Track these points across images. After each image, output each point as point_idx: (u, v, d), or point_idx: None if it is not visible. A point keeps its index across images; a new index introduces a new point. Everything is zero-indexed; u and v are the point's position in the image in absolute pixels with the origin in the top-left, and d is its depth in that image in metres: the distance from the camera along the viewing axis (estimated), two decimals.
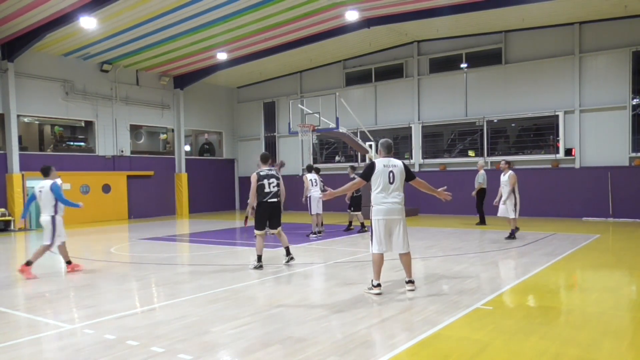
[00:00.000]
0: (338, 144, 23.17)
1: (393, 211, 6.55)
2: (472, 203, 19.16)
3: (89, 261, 10.19)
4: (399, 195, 6.63)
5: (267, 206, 8.64)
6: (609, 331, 4.95)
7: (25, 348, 4.79)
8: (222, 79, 24.54)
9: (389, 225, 6.56)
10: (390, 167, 6.61)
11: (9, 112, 17.66)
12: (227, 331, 5.10)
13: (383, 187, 6.55)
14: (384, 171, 6.57)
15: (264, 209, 8.64)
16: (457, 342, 4.68)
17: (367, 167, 6.74)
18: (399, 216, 6.61)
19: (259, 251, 8.62)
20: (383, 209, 6.54)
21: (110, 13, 15.43)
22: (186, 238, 14.28)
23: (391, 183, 6.57)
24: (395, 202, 6.57)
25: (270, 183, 8.61)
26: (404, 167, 6.75)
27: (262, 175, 8.63)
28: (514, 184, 11.70)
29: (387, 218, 6.54)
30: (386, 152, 6.78)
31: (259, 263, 8.55)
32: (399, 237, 6.59)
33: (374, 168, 6.62)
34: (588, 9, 16.27)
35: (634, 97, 16.65)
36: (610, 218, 16.67)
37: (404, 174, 6.69)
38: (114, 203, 20.90)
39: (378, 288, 6.57)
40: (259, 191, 8.60)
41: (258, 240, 8.66)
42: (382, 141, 6.83)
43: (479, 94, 19.45)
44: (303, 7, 16.51)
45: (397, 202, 6.59)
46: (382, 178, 6.56)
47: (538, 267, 8.30)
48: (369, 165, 6.75)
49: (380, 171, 6.57)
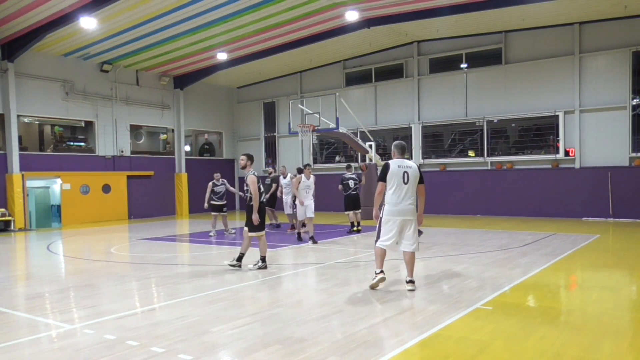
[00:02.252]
0: (338, 144, 23.17)
1: (407, 212, 6.69)
2: (472, 203, 19.21)
3: (89, 261, 10.19)
4: (412, 196, 6.74)
5: (264, 207, 8.71)
6: (609, 331, 4.94)
7: (25, 348, 4.78)
8: (222, 79, 24.54)
9: (401, 225, 6.71)
10: (404, 168, 6.73)
11: (9, 112, 17.66)
12: (227, 331, 5.10)
13: (397, 187, 6.67)
14: (399, 172, 6.69)
15: (263, 210, 8.66)
16: (457, 342, 4.68)
17: (383, 168, 6.85)
18: (412, 217, 6.76)
19: (263, 252, 8.65)
20: (397, 209, 6.67)
21: (110, 13, 15.43)
22: (186, 238, 14.28)
23: (405, 183, 6.68)
24: (408, 202, 6.69)
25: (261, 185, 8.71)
26: (418, 169, 6.90)
27: (258, 177, 8.69)
28: None
29: (401, 218, 6.69)
30: (400, 153, 6.91)
31: (264, 263, 8.61)
32: (409, 236, 6.75)
33: (388, 168, 6.73)
34: (588, 9, 16.27)
35: (634, 97, 16.65)
36: (610, 218, 16.67)
37: (417, 176, 6.81)
38: (114, 203, 20.90)
39: (381, 274, 6.79)
40: (257, 193, 8.49)
41: (263, 240, 8.64)
42: (396, 143, 6.96)
43: (479, 94, 19.46)
44: (303, 7, 16.51)
45: (410, 203, 6.71)
46: (396, 178, 6.67)
47: (538, 267, 8.30)
48: (384, 166, 6.85)
49: (394, 171, 6.69)
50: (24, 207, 17.79)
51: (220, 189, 14.22)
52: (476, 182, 19.21)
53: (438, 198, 19.98)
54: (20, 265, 10.56)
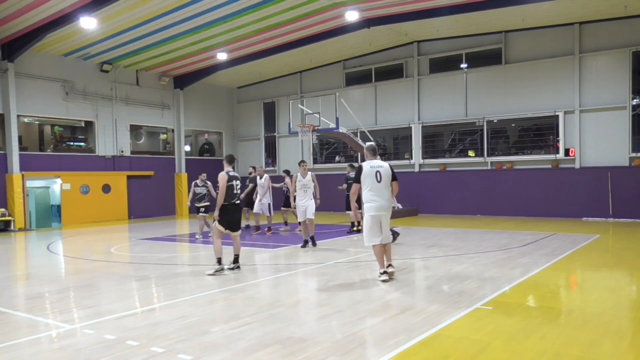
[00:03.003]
0: (338, 144, 23.17)
1: (383, 208, 7.29)
2: (472, 203, 19.21)
3: (89, 261, 10.19)
4: (387, 193, 7.33)
5: (235, 208, 8.33)
6: (609, 331, 4.95)
7: (25, 348, 4.79)
8: (222, 79, 24.54)
9: (378, 220, 7.29)
10: (376, 168, 7.31)
11: (9, 112, 17.66)
12: (227, 331, 5.10)
13: (372, 186, 7.27)
14: (371, 172, 7.28)
15: (231, 211, 8.29)
16: (457, 342, 4.68)
17: (357, 171, 7.44)
18: (387, 212, 7.41)
19: (218, 254, 8.23)
20: (374, 205, 7.25)
21: (110, 13, 15.43)
22: (186, 238, 14.28)
23: (379, 182, 7.27)
24: (384, 200, 7.28)
25: (237, 185, 8.37)
26: (390, 168, 7.46)
27: (231, 176, 8.29)
28: None
29: (379, 214, 7.27)
30: (372, 155, 7.53)
31: (220, 266, 8.19)
32: (386, 230, 7.38)
33: (362, 170, 7.34)
34: (588, 9, 16.26)
35: (634, 97, 16.64)
36: (610, 218, 16.66)
37: (390, 174, 7.38)
38: (114, 203, 20.90)
39: (385, 275, 7.29)
40: (228, 192, 8.22)
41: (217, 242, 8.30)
42: (368, 145, 7.64)
43: (479, 94, 19.45)
44: (303, 7, 16.51)
45: (386, 200, 7.31)
46: (370, 178, 7.27)
47: (538, 267, 8.30)
48: (357, 169, 7.44)
49: (367, 172, 7.29)
50: (24, 207, 17.79)
51: (201, 191, 13.55)
52: (476, 182, 19.20)
53: (438, 198, 19.99)
54: (20, 265, 10.57)
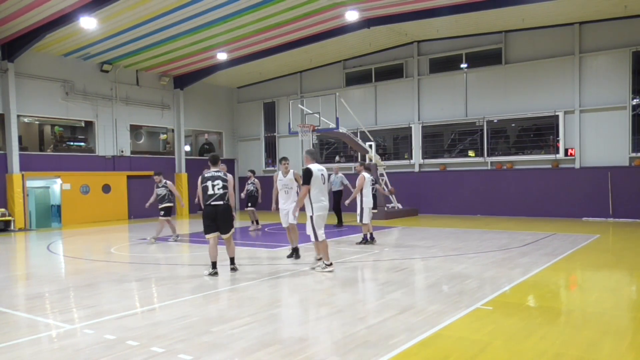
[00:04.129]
0: (338, 144, 23.17)
1: (327, 207, 8.20)
2: (472, 203, 19.21)
3: (89, 261, 10.19)
4: (327, 193, 8.28)
5: (211, 209, 8.14)
6: (609, 331, 4.95)
7: (25, 348, 4.78)
8: (222, 79, 24.54)
9: (325, 217, 8.20)
10: (321, 171, 8.14)
11: (9, 112, 17.67)
12: (227, 331, 5.10)
13: (320, 188, 8.04)
14: (318, 174, 8.02)
15: (208, 212, 8.16)
16: (457, 342, 4.68)
17: (306, 173, 7.97)
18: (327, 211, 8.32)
19: (212, 257, 8.16)
20: (323, 205, 8.08)
21: (110, 13, 15.43)
22: (186, 238, 14.28)
23: (324, 184, 8.15)
24: (326, 199, 8.19)
25: (214, 185, 8.13)
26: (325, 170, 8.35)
27: (207, 177, 8.17)
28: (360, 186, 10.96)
29: (325, 213, 8.15)
30: (313, 159, 8.25)
31: (214, 270, 8.11)
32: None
33: (311, 173, 7.94)
34: (588, 9, 16.27)
35: (634, 97, 16.65)
36: (610, 218, 16.67)
37: (326, 178, 8.26)
38: (114, 203, 20.90)
39: (331, 266, 8.11)
40: (202, 193, 8.16)
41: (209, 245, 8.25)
42: (310, 150, 8.42)
43: (479, 94, 19.46)
44: (303, 7, 16.51)
45: (328, 200, 8.29)
46: (318, 180, 8.02)
47: (538, 267, 8.30)
48: (306, 172, 7.97)
49: (316, 175, 7.99)
50: (24, 207, 17.79)
51: (161, 192, 13.15)
52: (476, 182, 19.21)
53: (438, 198, 20.00)
54: (20, 265, 10.57)
